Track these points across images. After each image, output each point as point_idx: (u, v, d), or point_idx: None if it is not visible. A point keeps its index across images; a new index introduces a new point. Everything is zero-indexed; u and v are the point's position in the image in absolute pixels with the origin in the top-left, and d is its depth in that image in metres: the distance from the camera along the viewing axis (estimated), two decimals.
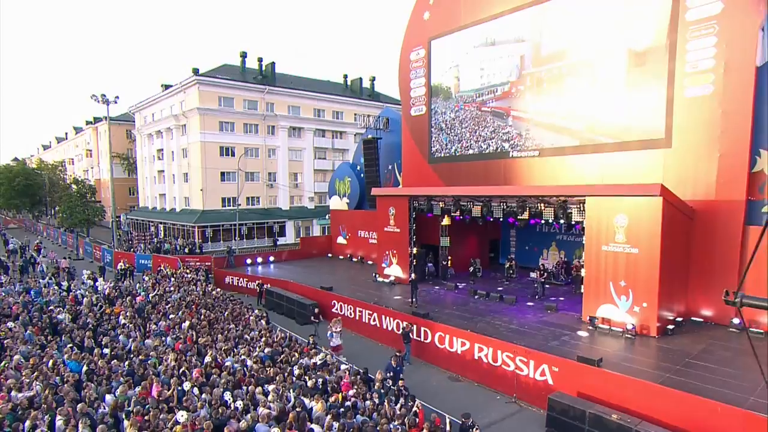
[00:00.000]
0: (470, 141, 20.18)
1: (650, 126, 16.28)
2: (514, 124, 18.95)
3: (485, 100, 19.66)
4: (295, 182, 45.84)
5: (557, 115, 17.78)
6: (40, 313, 18.31)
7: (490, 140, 19.53)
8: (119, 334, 15.84)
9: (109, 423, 9.88)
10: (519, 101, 18.91)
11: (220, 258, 29.42)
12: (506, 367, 13.89)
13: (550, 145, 17.99)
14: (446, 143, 20.91)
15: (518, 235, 25.54)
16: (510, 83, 18.90)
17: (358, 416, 10.43)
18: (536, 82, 18.23)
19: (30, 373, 12.46)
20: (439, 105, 21.35)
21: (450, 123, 20.84)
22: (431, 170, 23.87)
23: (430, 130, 23.85)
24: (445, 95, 21.13)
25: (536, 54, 18.21)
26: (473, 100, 20.08)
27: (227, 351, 14.25)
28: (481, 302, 19.17)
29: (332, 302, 20.71)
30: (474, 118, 20.05)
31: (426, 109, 23.97)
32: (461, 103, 20.52)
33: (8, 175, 63.60)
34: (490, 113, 19.59)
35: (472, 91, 20.09)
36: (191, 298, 20.49)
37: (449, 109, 20.95)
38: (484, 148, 19.71)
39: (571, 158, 18.01)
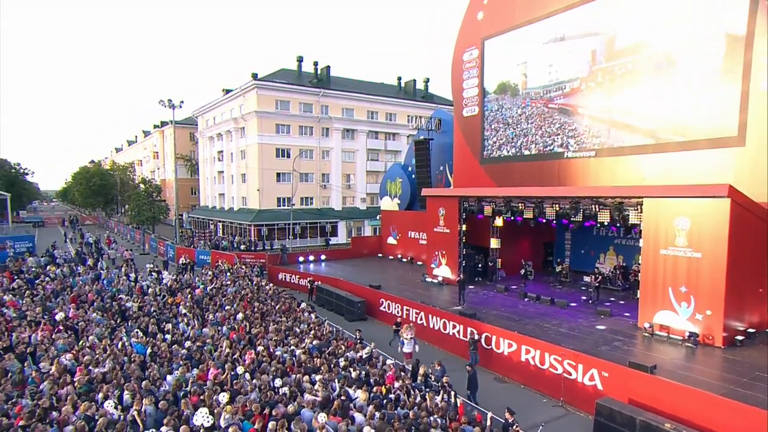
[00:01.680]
0: (536, 136, 19.77)
1: (721, 123, 15.16)
2: (581, 121, 18.26)
3: (552, 96, 19.16)
4: (348, 183, 46.77)
5: (628, 112, 16.78)
6: (111, 300, 19.91)
7: (555, 136, 19.00)
8: (179, 322, 16.91)
9: (169, 400, 10.67)
10: (588, 98, 18.06)
11: (274, 255, 30.58)
12: (554, 370, 13.56)
13: (618, 144, 17.02)
14: (512, 137, 20.62)
15: (573, 239, 24.70)
16: (579, 79, 18.18)
17: (399, 408, 10.59)
18: (608, 77, 17.40)
19: (102, 353, 13.62)
20: (506, 101, 21.11)
21: (516, 119, 20.52)
22: (483, 171, 23.62)
23: (482, 130, 23.63)
24: (513, 92, 20.80)
25: (609, 48, 17.36)
26: (540, 96, 19.65)
27: (278, 342, 14.86)
28: (531, 305, 18.76)
29: (380, 300, 21.00)
30: (540, 115, 19.60)
31: (479, 110, 23.77)
32: (528, 100, 20.14)
33: (86, 175, 69.65)
34: (557, 110, 19.07)
35: (540, 88, 19.65)
36: (246, 291, 21.48)
37: (516, 105, 20.64)
38: (549, 143, 19.19)
39: (629, 159, 17.20)
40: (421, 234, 28.67)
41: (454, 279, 22.50)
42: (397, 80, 53.61)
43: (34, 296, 20.35)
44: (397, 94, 50.91)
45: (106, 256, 33.89)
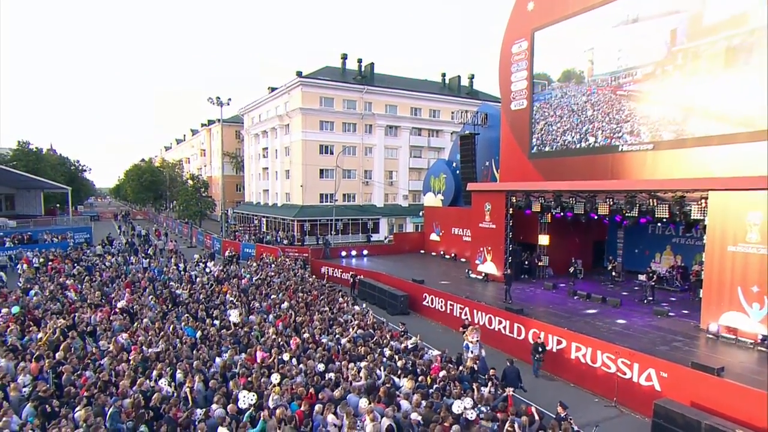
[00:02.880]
0: (602, 123, 18.78)
1: None
2: (654, 108, 17.08)
3: (622, 83, 18.16)
4: (390, 180, 46.78)
5: (714, 97, 15.25)
6: (162, 287, 20.68)
7: (624, 123, 17.91)
8: (227, 309, 17.33)
9: (219, 381, 10.93)
10: (663, 83, 16.61)
11: (317, 249, 30.94)
12: (606, 369, 12.96)
13: (701, 133, 15.58)
14: (576, 123, 19.80)
15: (627, 237, 23.63)
16: (654, 63, 16.97)
17: (445, 398, 10.38)
18: (690, 58, 15.97)
19: (156, 334, 14.14)
20: (570, 89, 20.28)
21: (582, 106, 19.65)
22: (531, 166, 22.93)
23: (531, 124, 22.95)
24: (578, 79, 19.93)
25: (694, 25, 15.91)
26: (608, 84, 18.71)
27: (322, 330, 14.95)
28: (581, 303, 18.05)
29: (423, 295, 20.80)
30: (608, 102, 18.56)
31: (527, 103, 23.10)
32: (594, 87, 19.24)
33: (137, 172, 73.35)
34: (626, 96, 18.03)
35: (608, 74, 18.64)
36: (290, 282, 21.80)
37: (581, 92, 19.77)
38: (617, 130, 18.08)
39: (692, 152, 16.04)
40: (465, 230, 28.24)
41: (500, 275, 22.00)
42: (441, 76, 53.18)
43: (92, 282, 21.47)
44: (441, 90, 50.48)
45: (154, 246, 35.35)
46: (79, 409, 9.29)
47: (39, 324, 15.03)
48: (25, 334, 14.11)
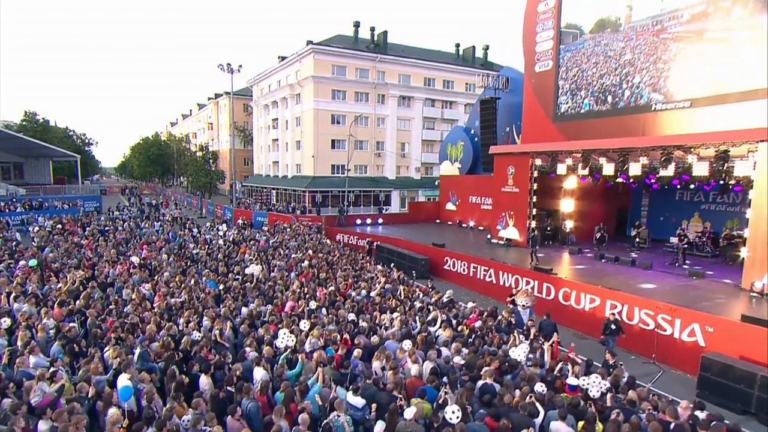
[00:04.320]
0: (645, 64, 17.68)
1: None
2: (696, 53, 15.96)
3: (666, 26, 17.02)
4: (403, 152, 46.01)
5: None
6: (179, 248, 20.31)
7: (671, 62, 16.75)
8: (247, 265, 16.92)
9: (248, 328, 10.54)
10: (710, 24, 15.58)
11: (331, 217, 30.48)
12: (644, 326, 12.55)
13: (734, 89, 14.54)
14: (614, 68, 18.81)
15: (652, 204, 23.01)
16: (706, 2, 15.66)
17: (486, 347, 9.98)
18: None
19: (177, 287, 13.77)
20: (604, 38, 19.27)
21: (619, 51, 18.57)
22: (555, 130, 22.18)
23: (556, 86, 22.13)
24: (614, 27, 18.89)
25: None
26: (649, 28, 17.63)
27: (347, 285, 14.54)
28: (610, 265, 17.57)
29: (444, 259, 20.37)
30: (650, 44, 17.41)
31: (552, 64, 22.25)
32: (632, 34, 18.19)
33: (144, 146, 72.72)
34: (672, 39, 16.84)
35: (648, 19, 17.57)
36: (308, 245, 21.39)
37: (617, 39, 18.73)
38: (664, 70, 16.92)
39: (735, 108, 15.15)
40: (483, 199, 27.66)
41: (522, 240, 21.54)
42: (455, 47, 51.90)
43: (107, 242, 21.10)
44: (455, 61, 49.28)
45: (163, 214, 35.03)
46: (108, 348, 8.94)
47: (58, 275, 14.70)
48: (44, 284, 13.78)
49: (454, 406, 6.76)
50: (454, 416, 6.66)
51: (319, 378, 7.86)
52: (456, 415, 6.68)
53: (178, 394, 7.45)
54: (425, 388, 7.92)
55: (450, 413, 6.63)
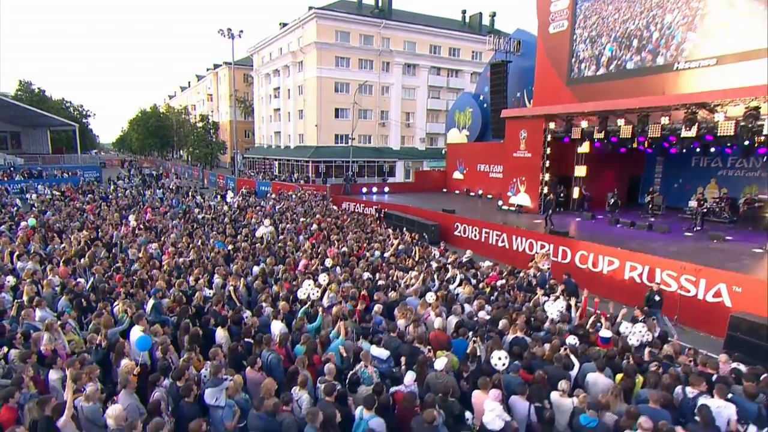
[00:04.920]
0: (677, 3, 16.43)
1: None
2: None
3: None
4: (407, 122, 45.14)
5: None
6: (184, 213, 19.86)
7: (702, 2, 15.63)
8: (256, 228, 16.51)
9: (261, 285, 10.16)
10: None
11: (336, 185, 29.95)
12: (666, 287, 12.16)
13: None
14: (640, 12, 17.78)
15: (666, 171, 22.47)
16: None
17: (510, 303, 9.64)
18: None
19: (185, 247, 13.37)
20: None
21: None
22: (569, 93, 21.50)
23: (571, 47, 21.37)
24: None
25: None
26: None
27: (359, 247, 14.15)
28: (626, 230, 17.16)
29: (455, 225, 19.95)
30: None
31: (568, 24, 21.42)
32: None
33: (143, 117, 71.52)
34: None
35: None
36: (316, 210, 20.94)
37: None
38: (701, 8, 15.77)
39: (765, 62, 14.57)
40: (491, 167, 27.12)
41: (533, 207, 21.12)
42: (461, 14, 50.40)
43: (109, 207, 20.65)
44: (462, 28, 47.88)
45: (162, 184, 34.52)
46: (118, 303, 8.57)
47: (61, 236, 14.29)
48: (47, 244, 13.37)
49: (501, 352, 6.48)
50: (500, 362, 6.36)
51: (341, 331, 7.52)
52: (502, 362, 6.37)
53: (194, 346, 7.11)
54: (452, 341, 7.60)
55: (496, 359, 6.33)
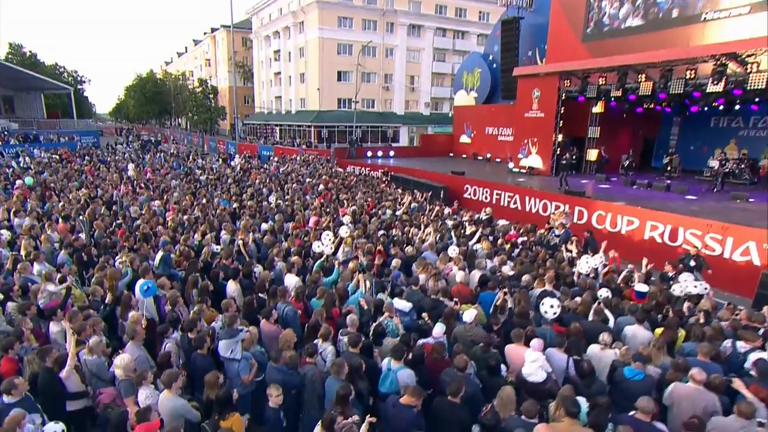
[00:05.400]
0: None
1: None
2: None
3: None
4: (412, 86, 43.89)
5: None
6: (185, 174, 19.26)
7: None
8: (261, 188, 15.96)
9: (271, 239, 9.69)
10: None
11: (340, 149, 29.21)
12: (689, 246, 11.67)
13: None
14: None
15: (682, 132, 21.72)
16: None
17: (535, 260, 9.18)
18: None
19: (189, 205, 12.84)
20: None
21: None
22: (584, 50, 20.55)
23: (588, 2, 20.31)
24: None
25: None
26: None
27: (371, 205, 13.64)
28: (642, 191, 16.60)
29: (465, 187, 19.36)
30: None
31: None
32: None
33: (140, 83, 69.67)
34: None
35: None
36: (321, 171, 20.35)
37: None
38: None
39: None
40: (500, 129, 26.33)
41: (545, 169, 20.51)
42: None
43: (108, 168, 20.03)
44: None
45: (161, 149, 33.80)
46: (121, 256, 8.09)
47: (59, 195, 13.74)
48: (45, 203, 12.83)
49: (554, 300, 6.08)
50: (551, 310, 5.95)
51: (360, 284, 7.07)
52: (554, 310, 5.97)
53: (204, 298, 6.67)
54: (480, 294, 7.17)
55: (547, 306, 5.96)
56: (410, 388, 4.50)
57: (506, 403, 4.52)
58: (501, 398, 4.54)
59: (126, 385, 4.81)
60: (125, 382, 4.82)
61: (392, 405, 4.46)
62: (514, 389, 4.63)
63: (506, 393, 4.57)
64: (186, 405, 4.48)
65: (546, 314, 6.07)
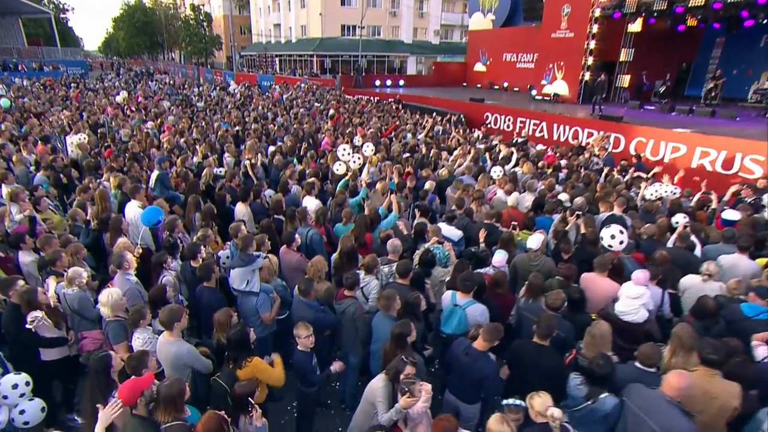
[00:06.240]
0: None
1: None
2: None
3: None
4: (420, 11, 40.67)
5: None
6: (181, 101, 17.67)
7: None
8: (267, 113, 14.49)
9: (282, 160, 8.45)
10: None
11: (346, 77, 27.18)
12: (747, 174, 10.45)
13: None
14: None
15: (725, 54, 19.75)
16: None
17: None
18: None
19: (186, 127, 11.50)
20: None
21: None
22: None
23: None
24: None
25: None
26: None
27: (390, 128, 12.26)
28: (683, 117, 15.07)
29: (485, 115, 17.74)
30: None
31: None
32: None
33: (129, 12, 65.17)
34: None
35: None
36: (329, 96, 18.71)
37: None
38: None
39: None
40: (519, 56, 24.26)
41: (572, 96, 18.84)
42: None
43: (96, 94, 18.40)
44: None
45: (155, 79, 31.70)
46: (108, 177, 6.87)
47: (39, 117, 12.31)
48: (23, 124, 11.43)
49: (616, 227, 4.89)
50: (615, 241, 4.84)
51: (394, 206, 5.88)
52: (618, 240, 4.85)
53: (209, 222, 5.51)
54: (537, 218, 6.01)
55: (608, 237, 4.82)
56: (486, 328, 3.42)
57: (599, 342, 3.49)
58: (593, 335, 3.51)
59: (116, 328, 3.75)
60: (115, 323, 3.76)
61: (464, 351, 3.40)
62: None
63: (601, 329, 3.52)
64: (193, 351, 3.42)
65: (611, 246, 4.93)
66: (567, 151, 10.66)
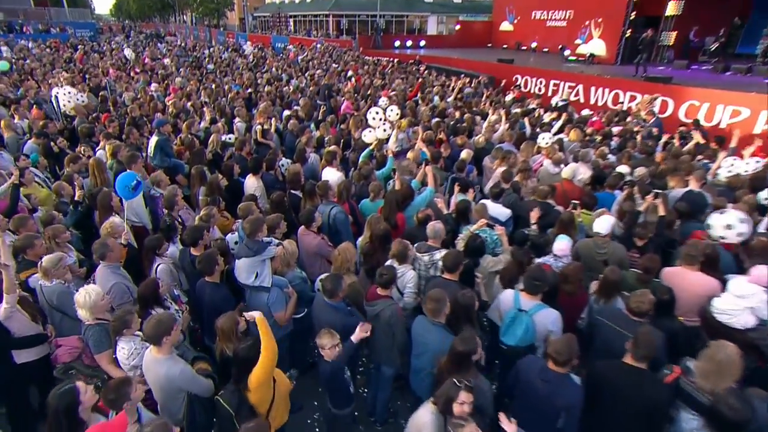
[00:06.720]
0: None
1: None
2: None
3: None
4: None
5: None
6: (191, 62, 16.73)
7: None
8: (281, 74, 13.49)
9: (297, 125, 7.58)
10: None
11: (364, 38, 25.73)
12: None
13: None
14: None
15: None
16: None
17: None
18: None
19: (195, 89, 10.63)
20: None
21: None
22: None
23: None
24: None
25: None
26: None
27: (414, 90, 11.21)
28: (740, 78, 13.66)
29: (514, 77, 16.41)
30: None
31: None
32: None
33: None
34: None
35: None
36: (347, 57, 17.56)
37: None
38: None
39: None
40: (550, 13, 22.46)
41: (609, 56, 17.38)
42: None
43: (102, 57, 17.53)
44: None
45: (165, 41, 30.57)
46: (104, 145, 6.10)
47: (39, 82, 11.53)
48: (20, 86, 10.68)
49: (731, 213, 3.99)
50: (732, 232, 3.91)
51: (429, 179, 5.01)
52: (736, 231, 3.93)
53: (215, 198, 4.72)
54: (598, 194, 5.09)
55: (734, 221, 3.91)
56: (560, 341, 2.59)
57: (725, 370, 2.59)
58: (718, 362, 2.60)
59: (97, 334, 3.02)
60: (96, 328, 3.03)
61: (541, 377, 2.58)
62: None
63: (728, 353, 2.61)
64: (187, 372, 2.68)
65: (723, 237, 4.00)
66: (613, 115, 9.58)
